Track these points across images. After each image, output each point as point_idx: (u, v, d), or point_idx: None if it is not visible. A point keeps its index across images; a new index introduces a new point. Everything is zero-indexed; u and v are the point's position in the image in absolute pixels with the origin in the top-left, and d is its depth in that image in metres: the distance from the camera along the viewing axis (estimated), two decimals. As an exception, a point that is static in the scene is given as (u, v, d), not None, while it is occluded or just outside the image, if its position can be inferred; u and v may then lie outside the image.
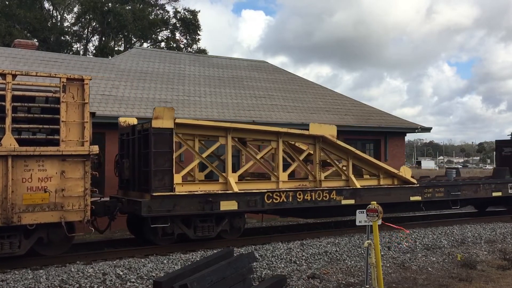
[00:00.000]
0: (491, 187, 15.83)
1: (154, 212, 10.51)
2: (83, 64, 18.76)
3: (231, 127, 11.67)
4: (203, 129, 11.63)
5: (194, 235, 11.26)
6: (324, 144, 12.86)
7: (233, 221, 11.79)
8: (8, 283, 8.39)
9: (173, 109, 10.86)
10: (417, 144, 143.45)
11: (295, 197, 12.11)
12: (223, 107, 18.62)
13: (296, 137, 12.81)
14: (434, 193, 14.51)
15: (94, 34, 41.52)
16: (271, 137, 12.33)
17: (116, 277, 9.04)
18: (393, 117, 22.85)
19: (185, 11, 40.64)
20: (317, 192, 12.43)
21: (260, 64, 24.83)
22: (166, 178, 10.64)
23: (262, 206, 11.74)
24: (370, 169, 13.77)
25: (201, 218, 11.31)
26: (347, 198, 12.85)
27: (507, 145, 19.62)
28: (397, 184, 13.93)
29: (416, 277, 9.82)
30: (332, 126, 13.03)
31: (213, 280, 7.37)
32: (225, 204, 11.22)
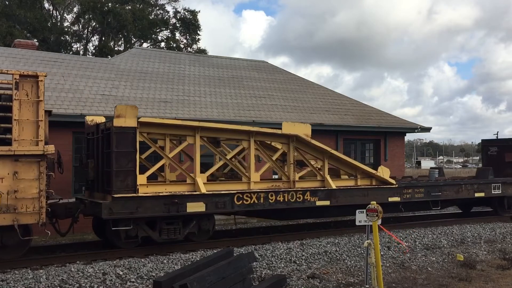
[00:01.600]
0: (474, 188, 15.43)
1: (115, 215, 10.07)
2: (83, 64, 18.77)
3: (199, 126, 11.23)
4: (169, 128, 11.23)
5: (159, 238, 10.88)
6: (299, 144, 12.47)
7: (201, 223, 11.40)
8: (8, 283, 8.40)
9: (136, 108, 10.43)
10: (417, 144, 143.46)
11: (267, 198, 11.71)
12: (223, 107, 18.63)
13: (268, 136, 12.40)
14: (414, 194, 14.12)
15: (94, 34, 41.53)
16: (242, 136, 11.93)
17: (116, 277, 9.05)
18: (393, 117, 22.86)
19: (185, 11, 40.68)
20: (290, 193, 12.05)
21: (260, 64, 24.84)
22: (129, 179, 10.20)
23: (232, 208, 11.35)
24: (347, 169, 13.40)
25: (167, 220, 10.92)
26: (322, 199, 12.47)
27: (493, 144, 19.33)
28: (375, 184, 13.57)
29: (416, 277, 9.83)
30: (306, 125, 12.63)
31: (213, 280, 7.38)
32: (192, 205, 10.83)
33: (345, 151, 21.17)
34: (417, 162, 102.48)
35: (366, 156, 22.12)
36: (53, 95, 15.86)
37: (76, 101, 15.95)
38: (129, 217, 10.29)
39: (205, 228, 11.52)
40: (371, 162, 22.10)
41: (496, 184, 15.85)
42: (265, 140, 12.50)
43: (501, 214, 16.47)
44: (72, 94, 16.32)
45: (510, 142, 18.72)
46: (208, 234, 11.72)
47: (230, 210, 11.46)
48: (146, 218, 10.64)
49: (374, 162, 22.05)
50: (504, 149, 18.49)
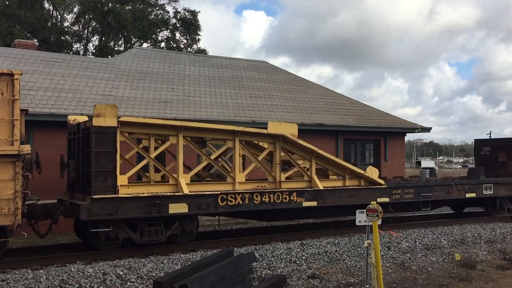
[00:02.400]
0: (465, 188, 15.17)
1: (94, 216, 9.89)
2: (83, 64, 18.77)
3: (182, 125, 11.04)
4: (152, 128, 11.06)
5: (140, 239, 10.71)
6: (285, 144, 12.26)
7: (184, 224, 11.21)
8: (8, 283, 8.40)
9: (116, 107, 10.22)
10: (417, 144, 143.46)
11: (251, 199, 11.49)
12: (223, 107, 18.63)
13: (254, 136, 12.16)
14: (403, 194, 13.90)
15: (94, 34, 41.54)
16: (227, 136, 11.75)
17: (116, 277, 9.05)
18: (393, 117, 22.86)
19: (185, 11, 40.69)
20: (276, 194, 11.85)
21: (260, 64, 24.84)
22: (109, 180, 10.00)
23: (216, 209, 11.14)
24: (335, 170, 13.19)
25: (149, 222, 10.76)
26: (308, 200, 12.25)
27: (485, 144, 19.16)
28: (363, 185, 13.34)
29: (416, 277, 9.83)
30: (293, 125, 12.41)
31: (213, 280, 7.38)
32: (174, 206, 10.64)
33: (345, 151, 21.22)
34: (417, 162, 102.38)
35: (366, 156, 22.13)
36: (53, 95, 15.86)
37: (76, 101, 15.95)
38: (108, 219, 10.12)
39: (188, 230, 11.31)
40: (371, 162, 22.11)
41: (487, 184, 15.64)
42: (250, 140, 12.26)
43: (493, 214, 16.27)
44: (72, 94, 16.32)
45: (503, 142, 18.57)
46: (191, 236, 11.53)
47: (214, 211, 11.26)
48: (126, 220, 10.44)
49: (374, 162, 22.06)
50: (497, 149, 18.36)
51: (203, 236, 13.60)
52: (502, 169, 17.95)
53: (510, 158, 18.04)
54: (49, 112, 14.76)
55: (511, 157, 18.02)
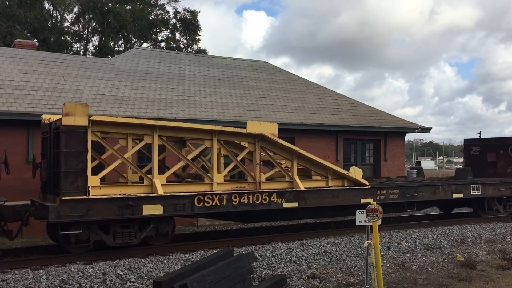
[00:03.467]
0: (451, 189, 14.88)
1: (63, 218, 9.57)
2: (83, 64, 18.77)
3: (157, 125, 10.70)
4: (125, 127, 10.72)
5: (113, 242, 10.40)
6: (265, 143, 11.96)
7: (159, 226, 10.92)
8: (8, 283, 8.40)
9: (86, 105, 9.86)
10: (417, 144, 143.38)
11: (230, 200, 11.18)
12: (223, 107, 18.63)
13: (232, 136, 11.84)
14: (388, 195, 13.56)
15: (94, 34, 41.52)
16: (204, 135, 11.45)
17: (116, 277, 9.05)
18: (393, 117, 22.86)
19: (185, 11, 40.68)
20: (256, 195, 11.52)
21: (260, 64, 24.84)
22: (79, 181, 9.69)
23: (192, 210, 10.85)
24: (318, 170, 12.85)
25: (122, 224, 10.44)
26: (289, 201, 11.96)
27: (475, 144, 18.84)
28: (347, 185, 13.04)
29: (416, 277, 9.83)
30: (273, 124, 12.12)
31: (213, 280, 7.38)
32: (148, 208, 10.34)
33: (345, 151, 21.22)
34: (417, 162, 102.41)
35: (366, 156, 22.13)
36: (53, 95, 15.87)
37: (76, 101, 15.94)
38: (79, 221, 9.82)
39: (163, 232, 11.04)
40: (371, 162, 22.13)
41: (475, 185, 15.37)
42: (229, 140, 11.95)
43: (481, 215, 16.04)
44: (72, 94, 16.32)
45: (492, 142, 18.28)
46: (167, 238, 11.23)
47: (190, 212, 11.00)
48: (98, 222, 10.15)
49: (374, 162, 22.08)
50: (486, 149, 18.12)
51: (203, 236, 13.61)
52: (491, 169, 17.73)
53: (499, 158, 17.79)
54: (49, 112, 14.74)
55: (500, 157, 17.77)
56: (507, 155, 17.57)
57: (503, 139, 18.08)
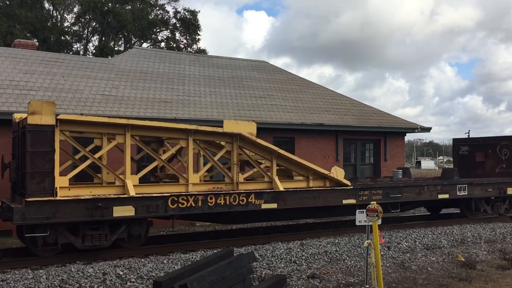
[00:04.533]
0: (437, 189, 14.52)
1: (29, 220, 9.23)
2: (83, 64, 18.77)
3: (128, 124, 10.36)
4: (96, 126, 10.31)
5: (82, 244, 10.03)
6: (243, 143, 11.62)
7: (131, 228, 10.57)
8: (8, 283, 8.40)
9: (53, 104, 9.52)
10: (417, 144, 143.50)
11: (205, 201, 10.84)
12: (223, 107, 18.63)
13: (209, 135, 11.50)
14: (371, 196, 13.22)
15: (94, 34, 41.54)
16: (179, 135, 11.11)
17: (116, 277, 9.05)
18: (393, 117, 22.87)
19: (185, 11, 40.70)
20: (233, 196, 11.17)
21: (260, 64, 24.84)
22: (46, 181, 9.33)
23: (165, 212, 10.51)
24: (298, 170, 12.55)
25: (92, 226, 10.06)
26: (268, 202, 11.62)
27: (464, 143, 18.53)
28: (328, 186, 12.72)
29: (416, 277, 9.83)
30: (251, 123, 11.76)
31: (213, 280, 7.38)
32: (119, 209, 9.96)
33: (345, 151, 21.23)
34: (417, 162, 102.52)
35: (366, 156, 22.14)
36: (53, 95, 15.87)
37: (76, 101, 15.95)
38: (45, 223, 9.47)
39: (136, 234, 10.70)
40: (371, 162, 22.14)
41: (461, 185, 15.06)
42: (205, 139, 11.63)
43: (468, 216, 15.77)
44: (72, 94, 16.32)
45: (481, 142, 17.93)
46: (140, 240, 10.90)
47: (163, 214, 10.63)
48: (66, 224, 9.80)
49: (374, 162, 22.09)
50: (475, 149, 17.81)
51: (203, 236, 13.61)
52: (480, 170, 17.40)
53: (488, 158, 17.44)
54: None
55: (489, 157, 17.43)
56: (495, 155, 17.25)
57: (492, 139, 17.74)
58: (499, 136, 17.59)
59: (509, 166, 16.83)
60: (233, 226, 15.76)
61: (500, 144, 17.18)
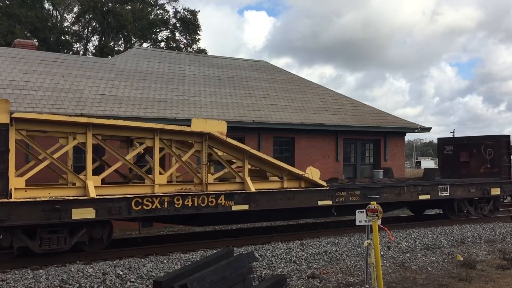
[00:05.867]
0: (417, 190, 14.19)
1: None
2: (83, 64, 18.77)
3: (90, 122, 9.94)
4: (55, 125, 9.91)
5: (39, 248, 9.63)
6: (213, 142, 11.28)
7: (93, 231, 10.17)
8: (8, 283, 8.41)
9: (7, 101, 9.13)
10: (417, 144, 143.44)
11: (172, 203, 10.47)
12: (223, 107, 18.63)
13: (176, 134, 11.12)
14: (348, 197, 12.89)
15: (94, 34, 41.55)
16: (145, 134, 10.70)
17: (116, 277, 9.06)
18: (393, 117, 22.87)
19: (185, 11, 40.70)
20: (201, 197, 10.80)
21: (260, 64, 24.84)
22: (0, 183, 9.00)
23: (129, 214, 10.12)
24: (272, 171, 12.21)
25: (50, 229, 9.67)
26: (239, 203, 11.27)
27: (449, 143, 18.19)
28: (304, 186, 12.37)
29: (416, 277, 9.84)
30: (221, 122, 11.37)
31: (213, 280, 7.38)
32: (78, 212, 9.55)
33: (345, 151, 21.24)
34: (417, 162, 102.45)
35: (366, 156, 22.14)
36: (53, 95, 15.87)
37: (76, 101, 15.95)
38: None
39: (97, 237, 10.30)
40: (371, 162, 22.14)
41: (443, 185, 14.74)
42: (172, 138, 11.26)
43: (451, 217, 15.58)
44: (72, 94, 16.32)
45: (465, 141, 17.59)
46: (102, 244, 10.49)
47: (126, 216, 10.24)
48: (22, 227, 9.40)
49: (374, 162, 22.09)
50: (460, 149, 17.50)
51: (203, 236, 13.62)
52: (465, 170, 17.10)
53: (472, 158, 17.10)
54: (49, 112, 14.75)
55: (473, 156, 17.09)
56: (480, 155, 16.90)
57: (476, 138, 17.36)
58: (484, 136, 17.20)
59: (493, 166, 16.47)
60: (233, 226, 15.77)
61: (484, 143, 16.82)
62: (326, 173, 19.80)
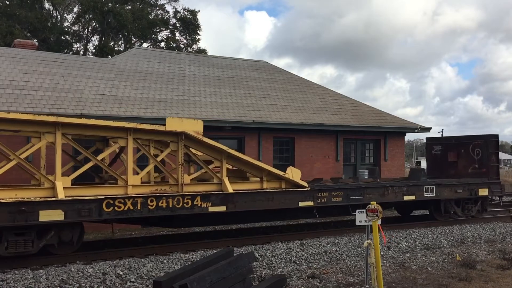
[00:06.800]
0: (402, 190, 13.89)
1: None
2: (83, 64, 18.77)
3: (58, 121, 9.60)
4: (22, 124, 9.53)
5: (5, 251, 9.33)
6: (189, 142, 11.01)
7: (62, 233, 9.89)
8: (8, 283, 8.40)
9: None
10: (417, 144, 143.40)
11: (145, 204, 10.17)
12: (223, 107, 18.63)
13: (150, 134, 10.83)
14: (330, 198, 12.63)
15: (94, 34, 41.54)
16: (118, 133, 10.39)
17: (116, 277, 9.05)
18: (393, 117, 22.87)
19: (185, 11, 40.69)
20: (176, 198, 10.51)
21: (260, 64, 24.84)
22: None
23: (100, 216, 9.80)
24: (251, 171, 11.92)
25: (17, 231, 9.37)
26: (216, 204, 10.97)
27: (437, 143, 17.89)
28: (284, 187, 12.12)
29: (416, 277, 9.83)
30: (197, 121, 11.09)
31: (213, 280, 7.38)
32: (46, 214, 9.22)
33: (345, 151, 21.24)
34: (417, 162, 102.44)
35: (366, 156, 22.15)
36: (53, 95, 15.87)
37: (76, 101, 15.95)
38: None
39: (67, 239, 10.01)
40: (371, 162, 22.14)
41: (428, 186, 14.48)
42: (147, 138, 10.98)
43: (437, 219, 15.29)
44: (72, 94, 16.32)
45: (453, 141, 17.33)
46: (72, 246, 10.20)
47: (97, 218, 9.91)
48: None
49: (374, 162, 22.09)
50: (448, 148, 17.24)
51: (203, 236, 13.62)
52: (453, 170, 16.84)
53: (460, 158, 16.82)
54: (49, 112, 14.75)
55: (461, 156, 16.81)
56: (468, 155, 16.63)
57: (464, 138, 17.09)
58: (472, 135, 16.95)
59: (481, 166, 16.19)
60: (233, 226, 15.77)
61: (472, 143, 16.56)
62: (326, 173, 19.82)
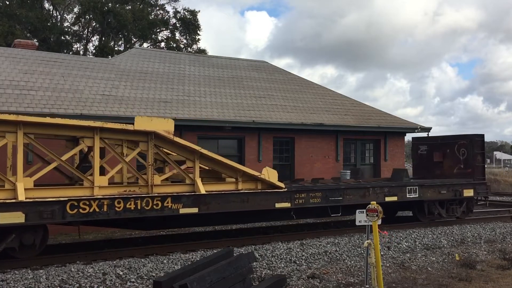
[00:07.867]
0: (384, 191, 13.58)
1: None
2: (83, 64, 18.77)
3: (20, 120, 9.25)
4: None
5: None
6: (160, 142, 10.71)
7: (23, 236, 9.56)
8: (8, 283, 8.40)
9: None
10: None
11: (112, 206, 9.85)
12: (223, 107, 18.63)
13: (118, 133, 10.48)
14: (308, 199, 12.33)
15: (94, 34, 41.52)
16: (84, 133, 10.06)
17: (116, 277, 9.05)
18: (393, 117, 22.87)
19: (185, 11, 40.68)
20: (145, 200, 10.22)
21: (260, 64, 24.84)
22: None
23: (63, 218, 9.47)
24: (226, 171, 11.62)
25: None
26: (187, 206, 10.69)
27: (423, 143, 17.49)
28: (260, 188, 11.82)
29: (416, 277, 9.84)
30: (168, 120, 10.78)
31: (213, 280, 7.38)
32: (5, 216, 8.92)
33: (345, 151, 21.23)
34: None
35: (366, 156, 22.14)
36: (53, 95, 15.87)
37: (76, 101, 15.95)
38: None
39: (29, 243, 9.66)
40: (371, 162, 22.14)
41: (411, 187, 14.20)
42: (115, 138, 10.67)
43: (421, 220, 15.01)
44: (72, 94, 16.32)
45: (439, 141, 17.10)
46: (35, 250, 9.86)
47: (60, 220, 9.59)
48: None
49: (374, 162, 22.09)
50: (433, 148, 17.01)
51: (203, 236, 13.62)
52: (438, 170, 16.60)
53: (446, 158, 16.58)
54: (49, 112, 14.75)
55: (447, 156, 16.56)
56: (453, 155, 16.36)
57: (450, 138, 16.85)
58: (457, 135, 16.73)
59: (467, 167, 15.94)
60: (232, 226, 15.77)
61: (458, 143, 16.30)
62: (326, 173, 19.82)
